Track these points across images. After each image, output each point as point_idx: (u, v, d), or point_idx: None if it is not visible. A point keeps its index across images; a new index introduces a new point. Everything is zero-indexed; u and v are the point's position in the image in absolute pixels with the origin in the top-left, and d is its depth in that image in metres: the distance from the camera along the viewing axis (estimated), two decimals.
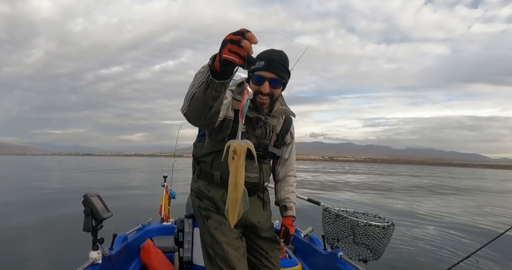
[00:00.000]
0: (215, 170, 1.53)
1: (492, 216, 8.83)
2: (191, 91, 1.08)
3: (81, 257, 1.94)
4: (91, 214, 1.78)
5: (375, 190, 15.32)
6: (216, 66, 0.95)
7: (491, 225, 7.24)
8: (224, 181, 1.49)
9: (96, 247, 1.88)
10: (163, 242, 2.66)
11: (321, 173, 32.88)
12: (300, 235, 2.88)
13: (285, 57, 1.46)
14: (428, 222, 7.36)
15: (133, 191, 12.36)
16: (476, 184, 25.24)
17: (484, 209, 10.19)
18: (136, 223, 3.01)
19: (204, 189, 1.57)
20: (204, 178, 1.59)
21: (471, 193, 16.23)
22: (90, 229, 1.79)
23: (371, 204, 10.17)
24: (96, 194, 1.91)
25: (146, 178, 20.83)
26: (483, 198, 13.89)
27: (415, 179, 27.82)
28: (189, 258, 2.26)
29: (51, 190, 12.29)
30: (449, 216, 8.39)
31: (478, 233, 6.19)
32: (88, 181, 17.50)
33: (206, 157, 1.57)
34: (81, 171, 27.49)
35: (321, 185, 17.21)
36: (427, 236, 5.90)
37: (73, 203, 6.94)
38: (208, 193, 1.55)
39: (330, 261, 2.30)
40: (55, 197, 10.14)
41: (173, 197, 3.65)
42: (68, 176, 21.38)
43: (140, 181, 17.98)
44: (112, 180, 17.74)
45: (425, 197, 12.69)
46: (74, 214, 4.38)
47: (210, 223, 1.51)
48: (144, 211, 6.17)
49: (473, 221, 7.82)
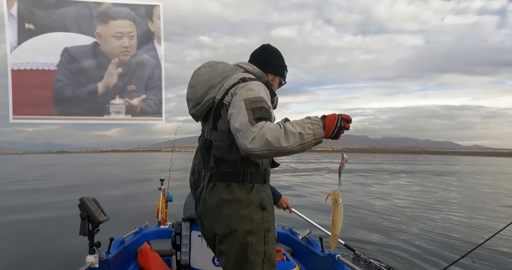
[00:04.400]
0: (265, 166, 1.43)
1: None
2: (291, 148, 1.16)
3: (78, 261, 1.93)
4: (88, 217, 1.77)
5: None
6: (326, 136, 1.21)
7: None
8: (268, 173, 1.47)
9: (93, 251, 1.87)
10: (160, 246, 2.65)
11: (299, 163, 33.90)
12: (297, 237, 2.89)
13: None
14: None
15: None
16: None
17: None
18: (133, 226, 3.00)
19: (263, 192, 1.40)
20: (255, 180, 1.39)
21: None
22: (87, 232, 1.78)
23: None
24: (92, 198, 1.90)
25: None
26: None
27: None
28: (186, 262, 2.25)
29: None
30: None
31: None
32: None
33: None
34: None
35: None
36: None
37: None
38: (266, 193, 1.42)
39: (328, 263, 2.31)
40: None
41: (170, 200, 3.64)
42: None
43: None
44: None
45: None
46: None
47: (270, 236, 1.37)
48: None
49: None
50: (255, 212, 1.33)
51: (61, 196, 10.33)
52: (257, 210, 1.34)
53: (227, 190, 1.35)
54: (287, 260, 2.37)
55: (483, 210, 8.65)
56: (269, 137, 1.13)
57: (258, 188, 1.38)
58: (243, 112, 1.20)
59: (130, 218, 5.94)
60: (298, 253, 2.78)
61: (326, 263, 2.34)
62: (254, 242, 1.31)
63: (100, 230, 1.85)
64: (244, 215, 1.32)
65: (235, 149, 1.30)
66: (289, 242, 2.95)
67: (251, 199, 1.34)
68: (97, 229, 1.83)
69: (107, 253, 2.14)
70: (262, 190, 1.40)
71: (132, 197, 10.45)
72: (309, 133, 1.17)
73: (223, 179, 1.37)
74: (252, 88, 1.29)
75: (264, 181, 1.42)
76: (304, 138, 1.16)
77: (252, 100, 1.23)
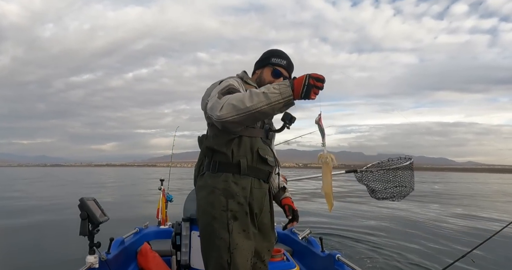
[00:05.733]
0: (240, 157, 1.45)
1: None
2: (257, 107, 1.19)
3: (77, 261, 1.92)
4: (88, 218, 1.77)
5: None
6: (296, 96, 1.18)
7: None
8: (250, 167, 1.46)
9: (93, 251, 1.87)
10: (160, 246, 2.65)
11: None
12: (297, 237, 2.89)
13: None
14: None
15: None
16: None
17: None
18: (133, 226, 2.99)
19: (231, 182, 1.43)
20: (226, 169, 1.45)
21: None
22: (87, 233, 1.78)
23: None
24: (92, 198, 1.90)
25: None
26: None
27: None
28: (186, 262, 2.25)
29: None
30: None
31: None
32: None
33: (226, 144, 1.45)
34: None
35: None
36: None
37: None
38: (237, 185, 1.44)
39: (328, 263, 2.31)
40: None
41: (170, 200, 3.65)
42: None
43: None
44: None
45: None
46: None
47: (236, 225, 1.40)
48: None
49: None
50: (217, 199, 1.42)
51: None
52: (219, 197, 1.42)
53: (201, 178, 1.53)
54: (287, 260, 2.37)
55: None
56: (235, 102, 1.23)
57: (228, 177, 1.44)
58: (214, 97, 1.34)
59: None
60: (298, 253, 2.78)
61: (326, 263, 2.34)
62: (217, 228, 1.39)
63: (100, 230, 1.85)
64: (209, 201, 1.43)
65: (204, 141, 1.52)
66: (289, 242, 2.95)
67: (215, 186, 1.44)
68: (97, 229, 1.83)
69: (107, 253, 2.14)
70: (234, 180, 1.44)
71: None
72: (275, 93, 1.19)
73: (203, 169, 1.54)
74: (223, 81, 1.46)
75: (238, 172, 1.45)
76: (269, 97, 1.19)
77: (222, 88, 1.38)
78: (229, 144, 1.46)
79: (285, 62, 1.62)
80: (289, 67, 1.63)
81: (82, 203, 1.79)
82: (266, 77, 1.60)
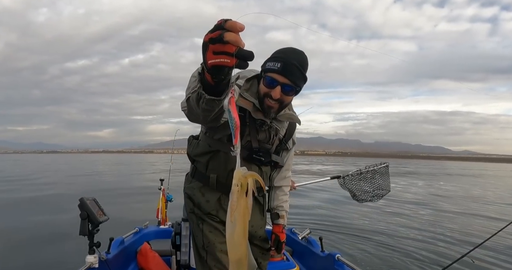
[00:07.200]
0: (211, 172, 1.43)
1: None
2: (187, 93, 0.99)
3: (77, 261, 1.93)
4: (87, 217, 1.77)
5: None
6: (208, 78, 0.82)
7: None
8: (221, 184, 1.42)
9: (92, 251, 1.87)
10: (160, 246, 2.65)
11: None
12: (297, 237, 2.88)
13: (304, 61, 1.32)
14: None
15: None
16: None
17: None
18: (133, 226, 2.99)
19: (198, 192, 1.47)
20: (199, 178, 1.49)
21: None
22: (87, 232, 1.78)
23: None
24: (92, 198, 1.90)
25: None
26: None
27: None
28: (186, 262, 2.25)
29: None
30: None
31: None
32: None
33: (201, 156, 1.46)
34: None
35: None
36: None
37: None
38: (203, 196, 1.46)
39: (328, 263, 2.31)
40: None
41: (170, 200, 3.64)
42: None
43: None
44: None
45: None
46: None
47: (205, 226, 1.44)
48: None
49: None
50: (187, 201, 1.53)
51: None
52: (187, 200, 1.52)
53: (187, 179, 1.59)
54: (287, 260, 2.37)
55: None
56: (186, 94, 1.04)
57: (197, 185, 1.49)
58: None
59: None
60: (298, 253, 2.78)
61: (326, 263, 2.34)
62: (192, 226, 1.51)
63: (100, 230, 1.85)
64: (185, 202, 1.56)
65: (188, 146, 1.55)
66: (289, 242, 2.95)
67: (186, 191, 1.54)
68: (97, 229, 1.83)
69: (107, 253, 2.14)
70: (203, 191, 1.47)
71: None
72: (194, 76, 0.94)
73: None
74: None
75: (207, 184, 1.45)
76: (190, 80, 0.97)
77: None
78: (205, 156, 1.45)
79: (279, 65, 1.28)
80: (284, 71, 1.28)
81: (82, 202, 1.79)
82: (260, 87, 1.35)
